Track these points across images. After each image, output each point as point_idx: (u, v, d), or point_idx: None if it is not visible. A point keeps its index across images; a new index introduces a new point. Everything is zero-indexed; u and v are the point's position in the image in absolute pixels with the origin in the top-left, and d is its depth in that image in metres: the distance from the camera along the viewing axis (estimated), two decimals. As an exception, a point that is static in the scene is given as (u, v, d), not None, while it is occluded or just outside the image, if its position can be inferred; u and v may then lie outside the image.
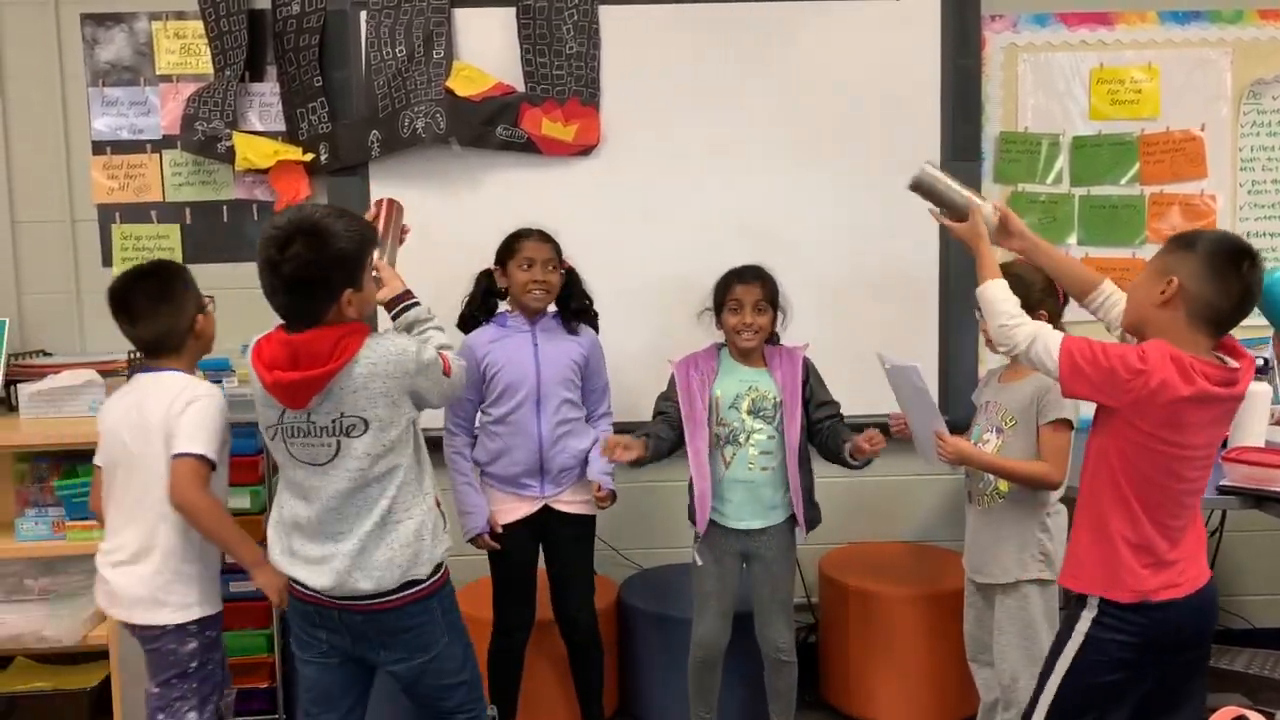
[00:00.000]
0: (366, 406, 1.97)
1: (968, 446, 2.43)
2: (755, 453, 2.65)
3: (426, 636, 2.12)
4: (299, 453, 2.03)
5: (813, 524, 2.70)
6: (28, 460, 2.91)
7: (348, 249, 1.96)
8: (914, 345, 3.34)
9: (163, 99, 3.28)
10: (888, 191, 3.29)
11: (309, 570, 2.05)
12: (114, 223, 3.31)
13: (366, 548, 2.02)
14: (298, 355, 1.95)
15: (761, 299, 2.65)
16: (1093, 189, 3.40)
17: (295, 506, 2.07)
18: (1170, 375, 1.84)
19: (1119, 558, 1.93)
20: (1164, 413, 1.86)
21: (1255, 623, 3.53)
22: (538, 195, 3.22)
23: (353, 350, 1.95)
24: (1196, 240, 1.93)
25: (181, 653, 2.31)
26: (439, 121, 3.16)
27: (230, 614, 2.98)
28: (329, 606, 2.07)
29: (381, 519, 2.03)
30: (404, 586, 2.05)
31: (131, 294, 2.30)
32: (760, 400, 2.66)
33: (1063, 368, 1.93)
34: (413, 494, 2.08)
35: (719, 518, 2.68)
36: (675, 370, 2.73)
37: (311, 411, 1.98)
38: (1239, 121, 3.40)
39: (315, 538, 2.05)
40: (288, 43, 3.20)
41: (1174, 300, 1.89)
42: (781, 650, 2.73)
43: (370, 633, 2.08)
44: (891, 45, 3.28)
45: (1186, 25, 3.38)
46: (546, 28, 3.20)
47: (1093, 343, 1.92)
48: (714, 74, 3.27)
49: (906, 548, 3.41)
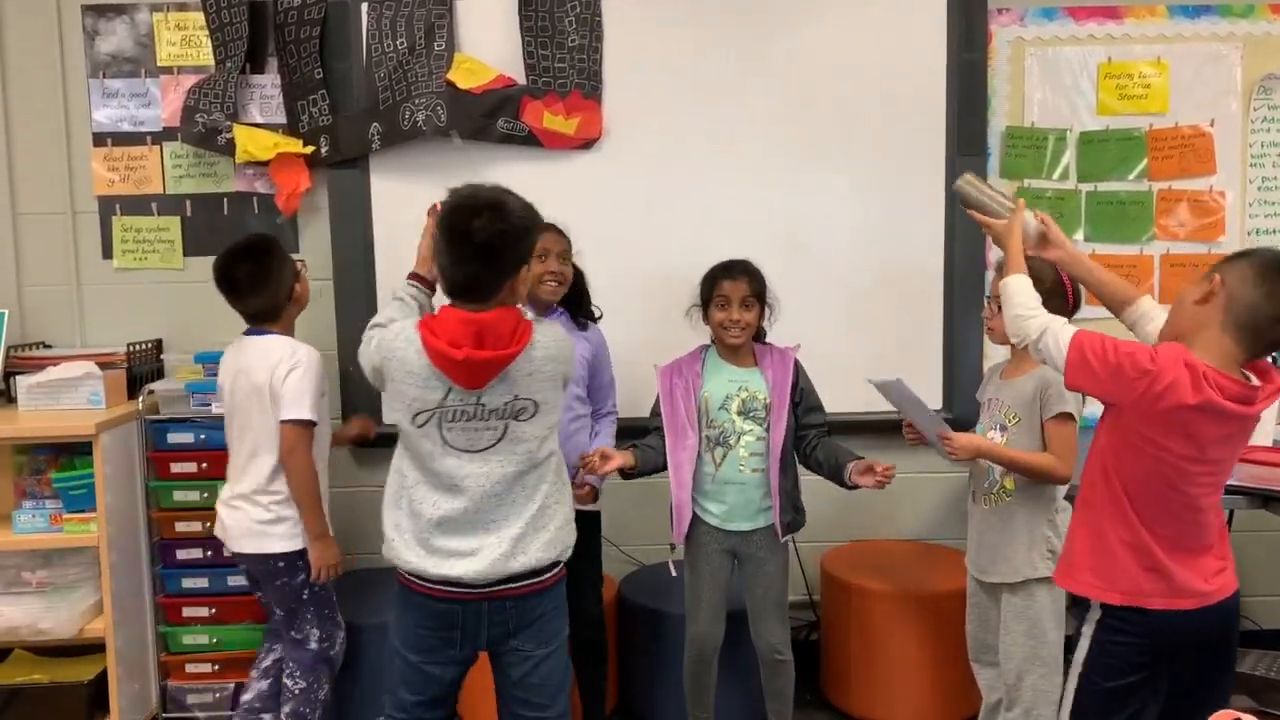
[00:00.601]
0: (538, 390, 1.99)
1: (978, 439, 2.42)
2: (745, 454, 2.62)
3: (554, 625, 2.11)
4: (455, 438, 1.99)
5: (792, 529, 2.66)
6: (26, 452, 2.91)
7: (529, 223, 2.01)
8: (917, 340, 3.33)
9: (163, 91, 3.27)
10: (892, 185, 3.30)
11: (457, 563, 2.00)
12: (114, 215, 3.31)
13: (526, 533, 2.01)
14: (483, 334, 1.93)
15: (749, 294, 2.61)
16: (1100, 185, 3.36)
17: (439, 501, 2.02)
18: (1179, 379, 1.80)
19: (1115, 559, 1.91)
20: (1167, 418, 1.83)
21: (1261, 624, 3.50)
22: (539, 189, 3.11)
23: (530, 333, 1.97)
24: (1254, 251, 1.89)
25: (293, 584, 2.60)
26: (440, 114, 3.14)
27: (230, 609, 3.01)
28: (475, 599, 2.02)
29: (543, 504, 2.04)
30: (553, 565, 2.07)
31: (235, 273, 2.59)
32: (750, 401, 2.63)
33: (1070, 359, 1.91)
34: (564, 479, 2.11)
35: (709, 518, 2.66)
36: (659, 377, 2.70)
37: (483, 394, 1.96)
38: (1249, 117, 3.36)
39: (467, 529, 2.01)
40: (288, 34, 3.19)
41: (1214, 298, 1.84)
42: (777, 649, 2.70)
43: (513, 620, 2.05)
44: (897, 39, 3.26)
45: (1196, 19, 3.34)
46: (548, 20, 3.18)
47: (1104, 338, 1.89)
48: (717, 68, 3.24)
49: (908, 545, 3.39)
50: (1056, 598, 2.41)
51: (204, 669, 3.03)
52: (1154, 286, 3.36)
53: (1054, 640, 2.41)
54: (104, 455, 2.79)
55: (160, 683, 3.03)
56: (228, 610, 3.01)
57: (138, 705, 2.97)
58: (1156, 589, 1.89)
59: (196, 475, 2.97)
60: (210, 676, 3.03)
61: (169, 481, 2.98)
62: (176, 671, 3.04)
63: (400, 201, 3.24)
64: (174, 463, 2.97)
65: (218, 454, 2.94)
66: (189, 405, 2.95)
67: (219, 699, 3.02)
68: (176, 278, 3.32)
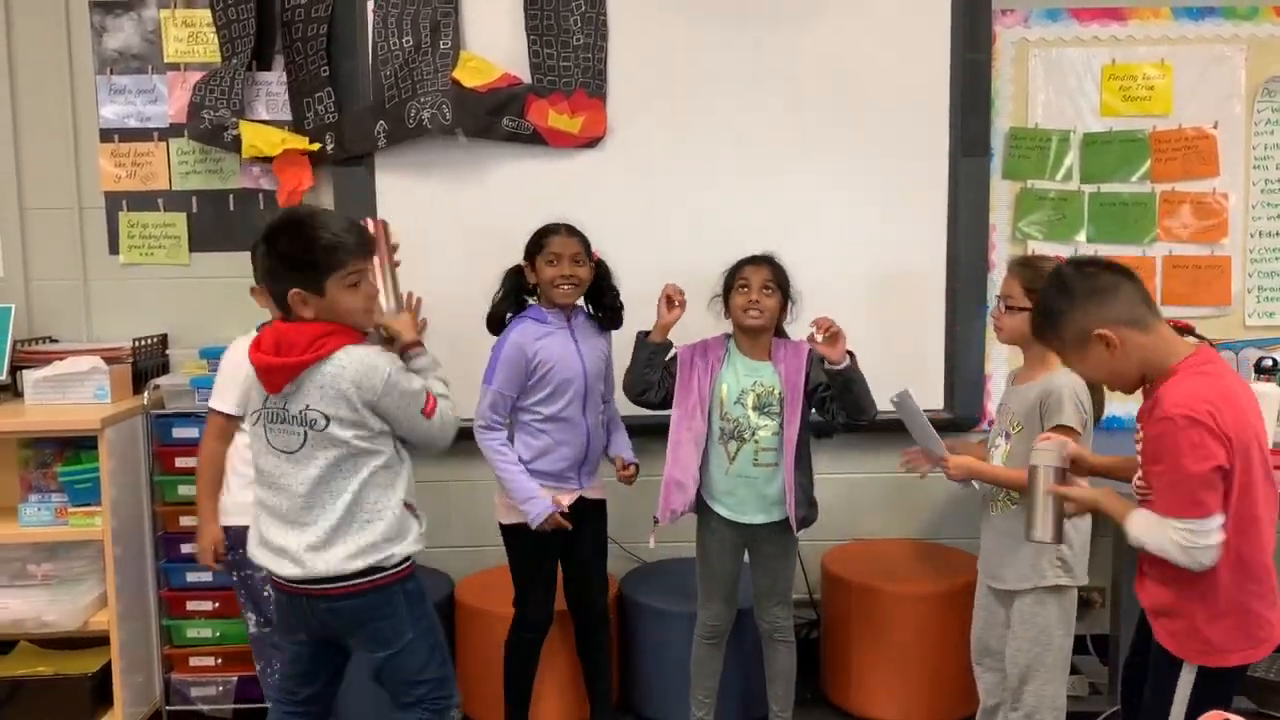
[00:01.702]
0: (328, 404, 2.04)
1: (970, 461, 2.42)
2: (760, 449, 2.64)
3: (389, 630, 2.14)
4: (275, 439, 2.10)
5: (805, 523, 2.69)
6: (32, 446, 2.92)
7: (307, 246, 2.04)
8: (919, 341, 3.34)
9: (170, 87, 3.29)
10: (896, 185, 3.30)
11: (274, 560, 2.12)
12: (121, 210, 3.32)
13: (330, 539, 2.08)
14: (279, 343, 2.06)
15: (770, 280, 2.64)
16: (1103, 186, 3.36)
17: (265, 495, 2.14)
18: (1219, 447, 1.77)
19: (1238, 622, 1.86)
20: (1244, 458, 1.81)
21: (1262, 625, 3.50)
22: (544, 187, 3.22)
23: (329, 349, 2.04)
24: (1050, 306, 1.93)
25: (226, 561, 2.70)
26: (445, 112, 3.15)
27: (234, 603, 3.01)
28: (297, 594, 2.12)
29: (347, 513, 2.08)
30: (366, 572, 2.09)
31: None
32: (766, 396, 2.65)
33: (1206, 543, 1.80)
34: (382, 497, 2.12)
35: (723, 510, 2.68)
36: (680, 356, 2.72)
37: (286, 399, 2.07)
38: (1253, 119, 3.36)
39: (283, 526, 2.11)
40: (295, 32, 3.20)
41: (1120, 343, 1.86)
42: (779, 630, 2.75)
43: (332, 622, 2.12)
44: (901, 39, 3.26)
45: (1200, 21, 3.34)
46: (554, 19, 3.19)
47: (1191, 484, 1.79)
48: (721, 67, 3.25)
49: (909, 545, 3.39)
50: (1066, 605, 2.41)
51: (207, 662, 3.04)
52: (1156, 288, 3.36)
53: (1060, 647, 2.41)
54: (109, 449, 2.81)
55: (164, 676, 3.05)
56: (231, 604, 3.01)
57: (141, 698, 2.99)
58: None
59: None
60: (213, 670, 3.04)
61: (174, 476, 2.99)
62: (180, 664, 3.06)
63: (405, 199, 3.26)
64: (178, 457, 2.98)
65: (222, 449, 2.97)
66: (194, 400, 2.96)
67: (222, 692, 3.03)
68: (182, 273, 3.34)
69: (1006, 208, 3.37)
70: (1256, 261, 3.41)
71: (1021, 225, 3.37)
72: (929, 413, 2.46)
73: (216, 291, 3.33)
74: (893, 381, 3.40)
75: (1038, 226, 3.37)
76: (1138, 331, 1.87)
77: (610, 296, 2.79)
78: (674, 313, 2.69)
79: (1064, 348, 1.97)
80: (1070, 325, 1.91)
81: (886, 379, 3.28)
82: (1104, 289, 1.89)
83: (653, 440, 2.90)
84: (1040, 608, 2.39)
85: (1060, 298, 1.92)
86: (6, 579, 2.96)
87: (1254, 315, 3.41)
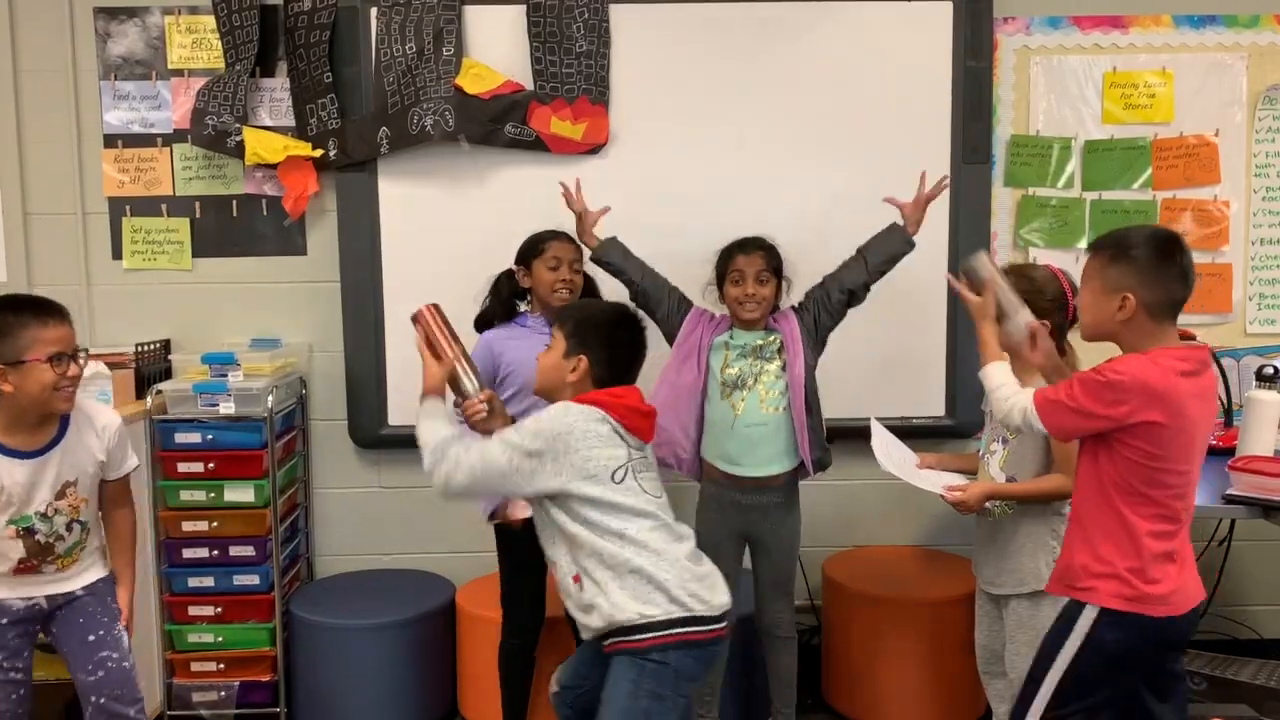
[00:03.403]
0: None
1: (986, 487, 2.43)
2: (766, 393, 2.64)
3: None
4: (650, 486, 2.12)
5: (821, 466, 2.68)
6: (35, 451, 2.93)
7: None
8: (920, 347, 3.34)
9: (174, 93, 3.30)
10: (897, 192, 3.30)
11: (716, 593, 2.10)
12: (124, 216, 3.33)
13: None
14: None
15: (764, 269, 2.65)
16: (1104, 193, 3.37)
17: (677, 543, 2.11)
18: (1111, 409, 1.91)
19: (1113, 566, 1.95)
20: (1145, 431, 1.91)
21: (1262, 633, 3.50)
22: (546, 194, 3.19)
23: None
24: (1129, 245, 1.97)
25: None
26: (448, 119, 3.16)
27: (236, 608, 3.03)
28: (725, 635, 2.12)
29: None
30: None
31: None
32: (767, 347, 2.67)
33: (1049, 427, 2.02)
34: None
35: (732, 468, 2.67)
36: (692, 309, 2.75)
37: (648, 447, 2.19)
38: (1254, 127, 3.37)
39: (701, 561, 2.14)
40: (298, 38, 3.21)
41: (1130, 315, 1.94)
42: (780, 625, 2.75)
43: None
44: (903, 47, 3.27)
45: (1202, 29, 3.35)
46: (556, 26, 3.20)
47: (1064, 393, 1.97)
48: (724, 74, 3.26)
49: (911, 551, 3.40)
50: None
51: (209, 667, 3.05)
52: (1157, 295, 3.37)
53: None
54: (112, 454, 2.81)
55: (166, 680, 3.06)
56: (234, 609, 3.03)
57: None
58: (1157, 592, 1.94)
59: (203, 475, 2.99)
60: (215, 675, 3.05)
61: (176, 481, 3.00)
62: (182, 669, 3.07)
63: (408, 205, 3.27)
64: (181, 462, 2.99)
65: (225, 454, 2.99)
66: (197, 405, 2.98)
67: (224, 697, 3.04)
68: (185, 279, 3.35)
69: (1008, 215, 3.38)
70: (1258, 269, 3.41)
71: (1023, 232, 3.38)
72: (930, 418, 2.47)
73: (219, 296, 3.34)
74: (895, 387, 3.42)
75: (1039, 234, 3.38)
76: (1149, 319, 1.95)
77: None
78: (577, 203, 2.76)
79: (1093, 275, 2.01)
80: (1122, 271, 1.96)
81: (888, 386, 3.32)
82: (1168, 275, 1.95)
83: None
84: (1036, 610, 2.39)
85: (1140, 248, 1.96)
86: (9, 583, 2.96)
87: (1255, 323, 3.42)
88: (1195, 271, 1.99)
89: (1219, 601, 3.45)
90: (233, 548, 3.00)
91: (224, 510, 2.99)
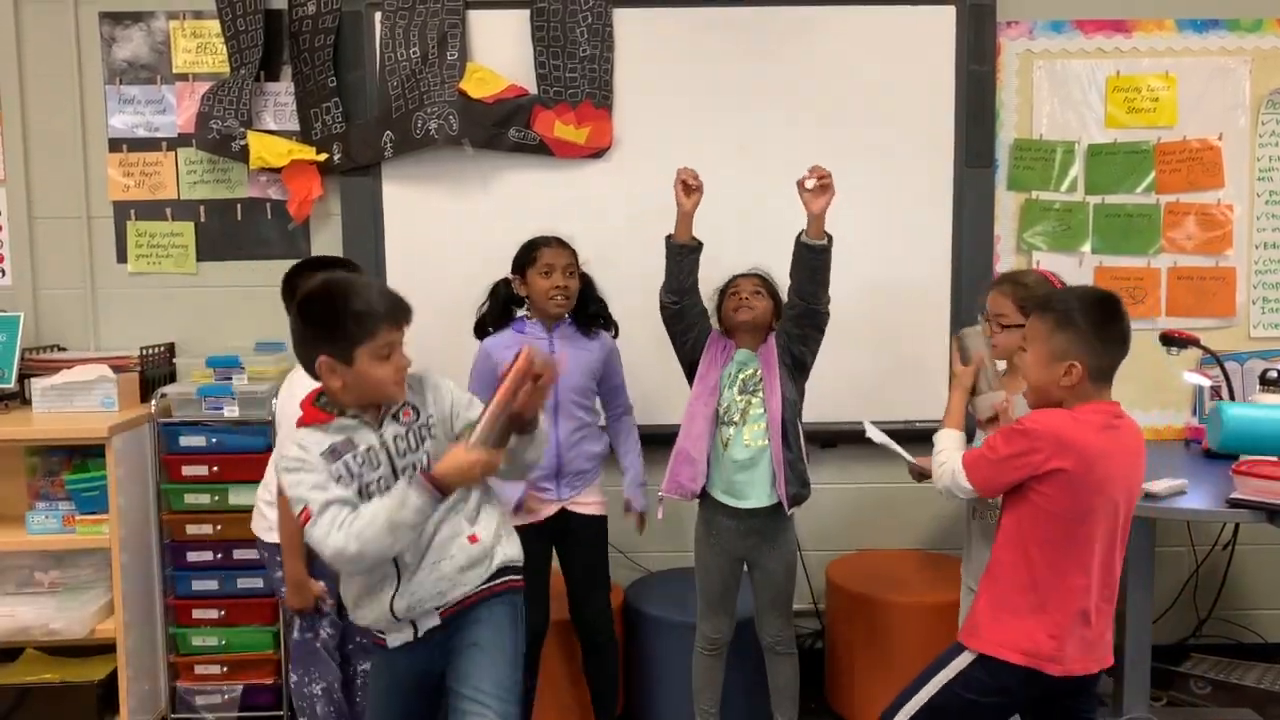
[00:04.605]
0: None
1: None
2: (751, 427, 2.64)
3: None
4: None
5: (798, 500, 2.67)
6: (40, 454, 2.94)
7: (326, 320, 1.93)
8: (924, 352, 3.34)
9: (179, 97, 3.31)
10: (900, 197, 3.31)
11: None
12: (129, 219, 3.34)
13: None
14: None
15: (759, 286, 2.72)
16: (1108, 197, 3.37)
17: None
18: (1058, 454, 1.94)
19: (1018, 620, 2.01)
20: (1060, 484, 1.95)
21: (1266, 637, 3.50)
22: (550, 198, 3.23)
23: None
24: (1073, 312, 1.99)
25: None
26: (452, 123, 3.17)
27: (240, 611, 3.03)
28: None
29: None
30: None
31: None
32: (749, 380, 2.68)
33: (974, 483, 2.07)
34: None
35: (725, 498, 2.68)
36: (711, 334, 2.74)
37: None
38: (1257, 131, 3.37)
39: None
40: (303, 43, 3.22)
41: (1075, 382, 1.97)
42: (779, 642, 2.75)
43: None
44: (906, 51, 3.27)
45: (1205, 33, 3.35)
46: (560, 30, 3.21)
47: (987, 447, 2.04)
48: (727, 78, 3.27)
49: (914, 555, 3.40)
50: None
51: (213, 670, 3.05)
52: (1160, 299, 3.37)
53: None
54: (116, 458, 2.82)
55: (169, 684, 3.06)
56: (237, 612, 3.03)
57: (147, 705, 3.00)
58: (1047, 652, 2.00)
59: (208, 478, 2.99)
60: (219, 678, 3.05)
61: (180, 484, 3.01)
62: (186, 673, 3.07)
63: (412, 209, 3.28)
64: (185, 466, 2.99)
65: (229, 457, 2.98)
66: (201, 409, 2.98)
67: (227, 700, 3.04)
68: (190, 282, 3.36)
69: (1011, 219, 3.38)
70: (1261, 273, 3.41)
71: (1026, 236, 3.38)
72: (932, 422, 2.47)
73: (224, 300, 3.35)
74: (896, 390, 3.43)
75: (1042, 237, 3.38)
76: (1091, 384, 1.98)
77: (595, 306, 2.80)
78: (693, 197, 2.64)
79: (1038, 339, 2.03)
80: (1069, 338, 1.98)
81: (891, 388, 3.32)
82: (1110, 339, 1.99)
83: (658, 450, 2.90)
84: None
85: (1084, 316, 1.98)
86: (14, 587, 2.98)
87: (1259, 326, 3.41)
88: (1128, 320, 2.03)
89: (1223, 605, 3.45)
90: (236, 551, 3.00)
91: (228, 513, 2.99)
